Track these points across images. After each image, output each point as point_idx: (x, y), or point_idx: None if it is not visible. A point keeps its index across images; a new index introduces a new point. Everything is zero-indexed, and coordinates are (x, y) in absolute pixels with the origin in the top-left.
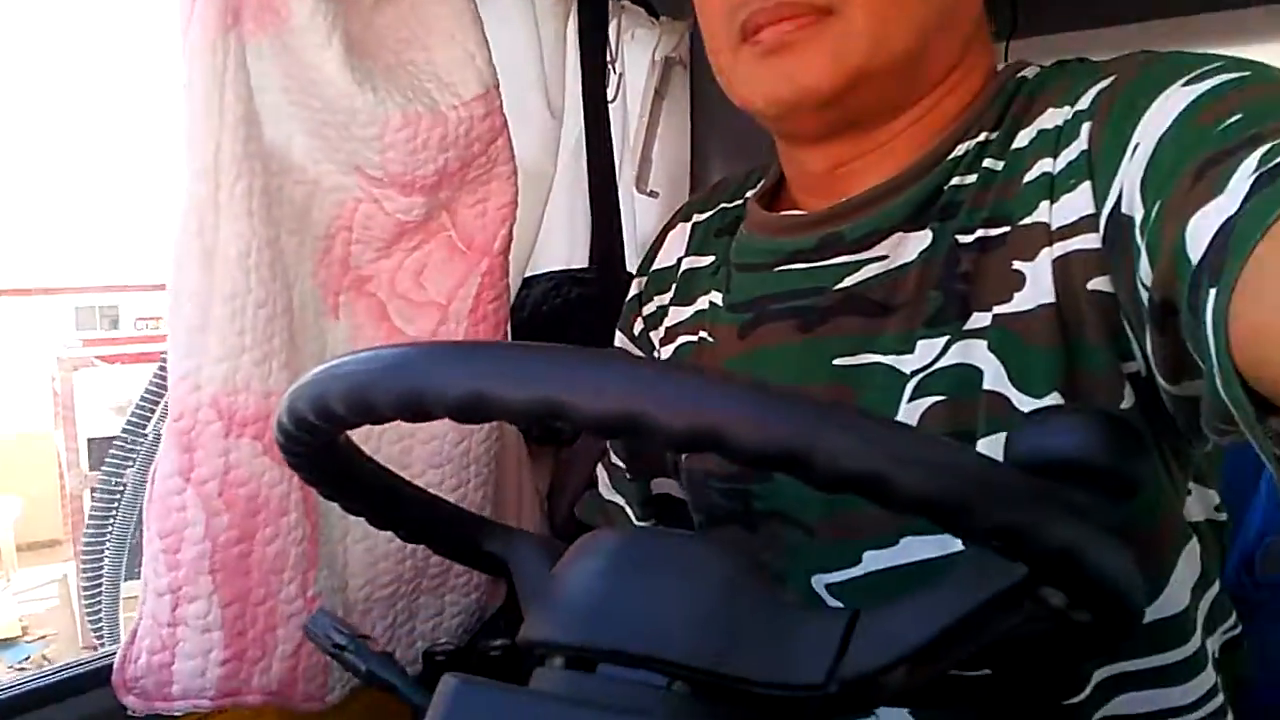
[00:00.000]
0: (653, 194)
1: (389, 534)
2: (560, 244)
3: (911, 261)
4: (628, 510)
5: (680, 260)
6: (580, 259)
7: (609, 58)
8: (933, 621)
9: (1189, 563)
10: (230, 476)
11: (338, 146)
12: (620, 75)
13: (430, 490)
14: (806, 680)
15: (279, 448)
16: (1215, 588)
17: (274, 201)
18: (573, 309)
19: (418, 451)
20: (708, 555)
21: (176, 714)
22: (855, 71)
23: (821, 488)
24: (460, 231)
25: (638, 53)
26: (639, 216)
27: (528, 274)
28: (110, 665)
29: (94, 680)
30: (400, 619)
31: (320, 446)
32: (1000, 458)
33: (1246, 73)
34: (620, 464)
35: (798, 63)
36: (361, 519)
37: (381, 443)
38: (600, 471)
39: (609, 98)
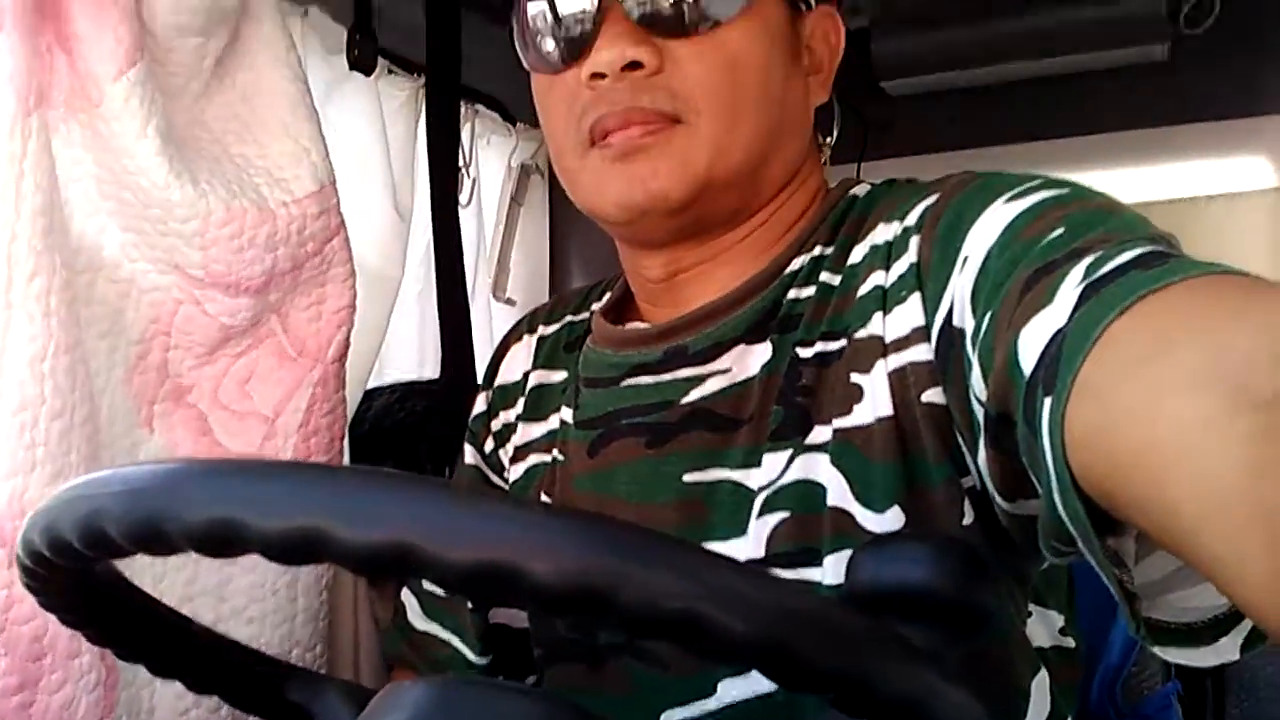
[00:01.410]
0: (510, 301)
1: None
2: (410, 352)
3: (755, 375)
4: (455, 643)
5: (527, 375)
6: (433, 369)
7: (463, 162)
8: None
9: (1039, 695)
10: (12, 614)
11: (155, 242)
12: (474, 180)
13: (254, 627)
14: None
15: (20, 569)
16: None
17: (80, 301)
18: (420, 423)
19: (238, 582)
20: (519, 709)
21: None
22: (702, 178)
23: (629, 631)
24: (291, 337)
25: (494, 158)
26: (496, 324)
27: (371, 385)
28: None
29: None
30: None
31: (66, 581)
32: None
33: (1064, 190)
34: (436, 590)
35: (648, 168)
36: None
37: (199, 570)
38: (408, 598)
39: (463, 202)
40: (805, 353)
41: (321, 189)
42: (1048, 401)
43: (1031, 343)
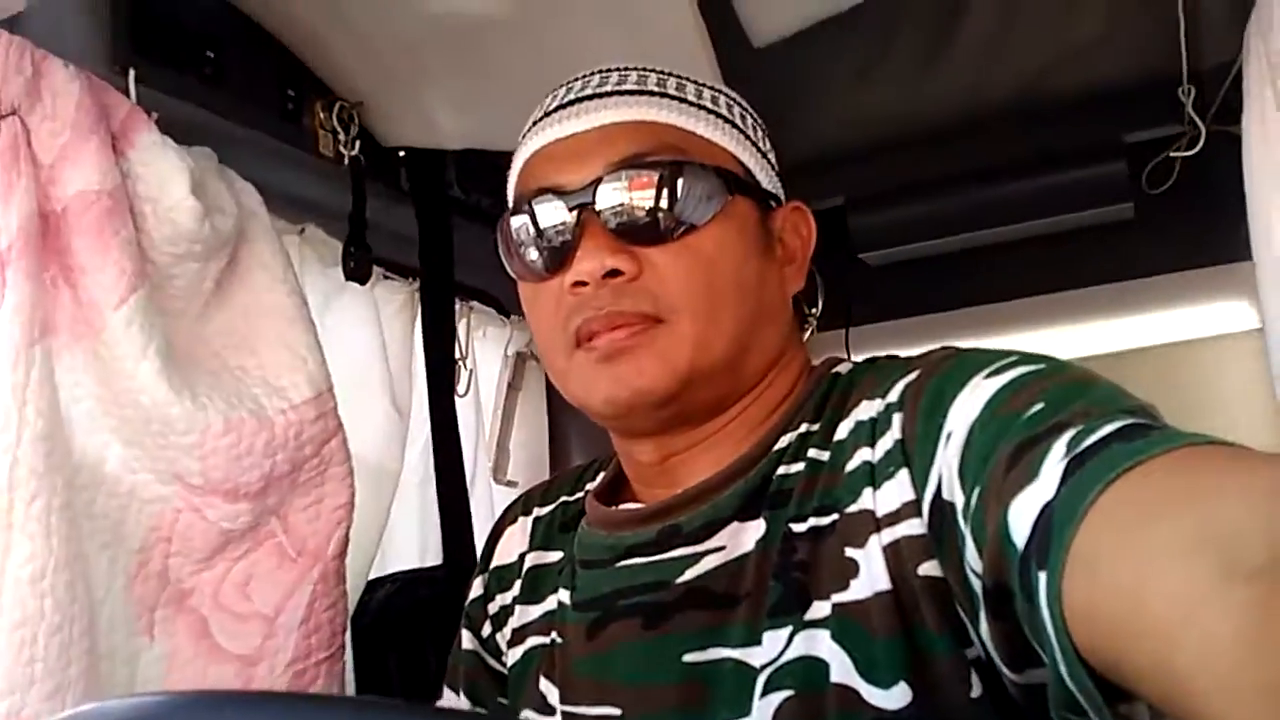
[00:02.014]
0: (511, 484)
1: None
2: (413, 541)
3: (749, 551)
4: None
5: (523, 556)
6: (436, 556)
7: (459, 355)
8: None
9: None
10: None
11: (155, 455)
12: (472, 371)
13: None
14: None
15: None
16: None
17: (81, 515)
18: (423, 611)
19: None
20: None
21: None
22: (684, 373)
23: None
24: (291, 537)
25: (490, 349)
26: (498, 507)
27: (374, 575)
28: None
29: None
30: None
31: None
32: None
33: (1041, 365)
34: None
35: (631, 367)
36: None
37: None
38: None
39: (460, 392)
40: (799, 528)
41: (319, 395)
42: (1043, 576)
43: (1021, 516)
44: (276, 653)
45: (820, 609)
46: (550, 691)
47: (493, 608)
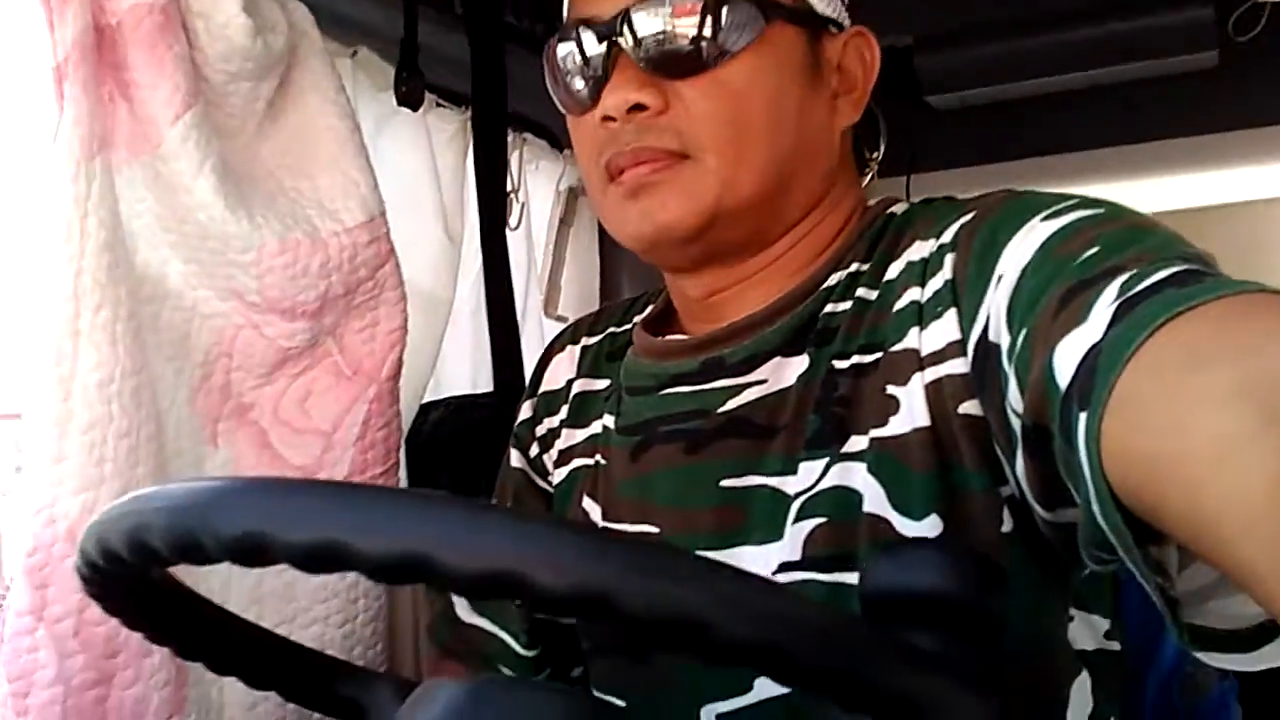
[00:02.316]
0: (561, 319)
1: None
2: (465, 369)
3: (791, 385)
4: (503, 636)
5: (570, 383)
6: (487, 384)
7: (511, 188)
8: None
9: (1079, 697)
10: (86, 615)
11: (213, 272)
12: (524, 205)
13: (317, 627)
14: None
15: (80, 577)
16: None
17: (145, 328)
18: (472, 434)
19: (302, 586)
20: (551, 709)
21: None
22: (709, 211)
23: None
24: (347, 357)
25: (543, 182)
26: (548, 340)
27: (427, 399)
28: None
29: None
30: None
31: (121, 587)
32: None
33: (1100, 210)
34: None
35: (656, 203)
36: None
37: (265, 574)
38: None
39: (512, 225)
40: (841, 365)
41: (371, 219)
42: (1083, 416)
43: (1067, 358)
44: (334, 465)
45: (858, 443)
46: (593, 509)
47: (540, 430)
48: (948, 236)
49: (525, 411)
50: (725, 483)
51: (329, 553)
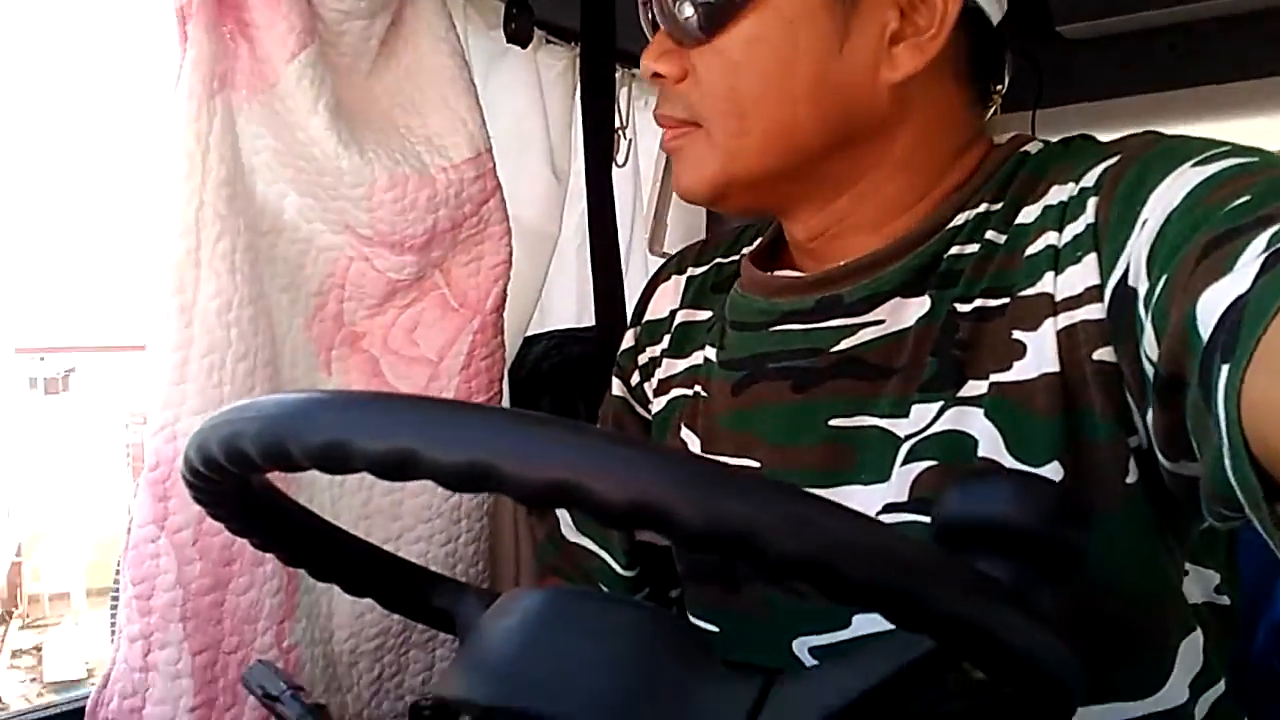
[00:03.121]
0: (666, 256)
1: None
2: (570, 304)
3: (909, 327)
4: (604, 556)
5: (674, 313)
6: (591, 320)
7: (619, 124)
8: (846, 690)
9: (1189, 654)
10: (204, 525)
11: (327, 206)
12: (631, 141)
13: (421, 545)
14: None
15: (185, 484)
16: (1220, 688)
17: (262, 259)
18: (574, 367)
19: (408, 504)
20: (623, 618)
21: None
22: (717, 181)
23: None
24: (453, 289)
25: (651, 119)
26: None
27: (530, 333)
28: (83, 707)
29: None
30: (388, 672)
31: (225, 493)
32: None
33: (1253, 158)
34: None
35: (679, 167)
36: None
37: (373, 494)
38: (561, 513)
39: (619, 162)
40: (964, 308)
41: (478, 155)
42: (1225, 368)
43: (1210, 308)
44: (440, 393)
45: (976, 387)
46: (691, 440)
47: (642, 359)
48: (1090, 180)
49: (628, 340)
50: (834, 422)
51: (402, 460)
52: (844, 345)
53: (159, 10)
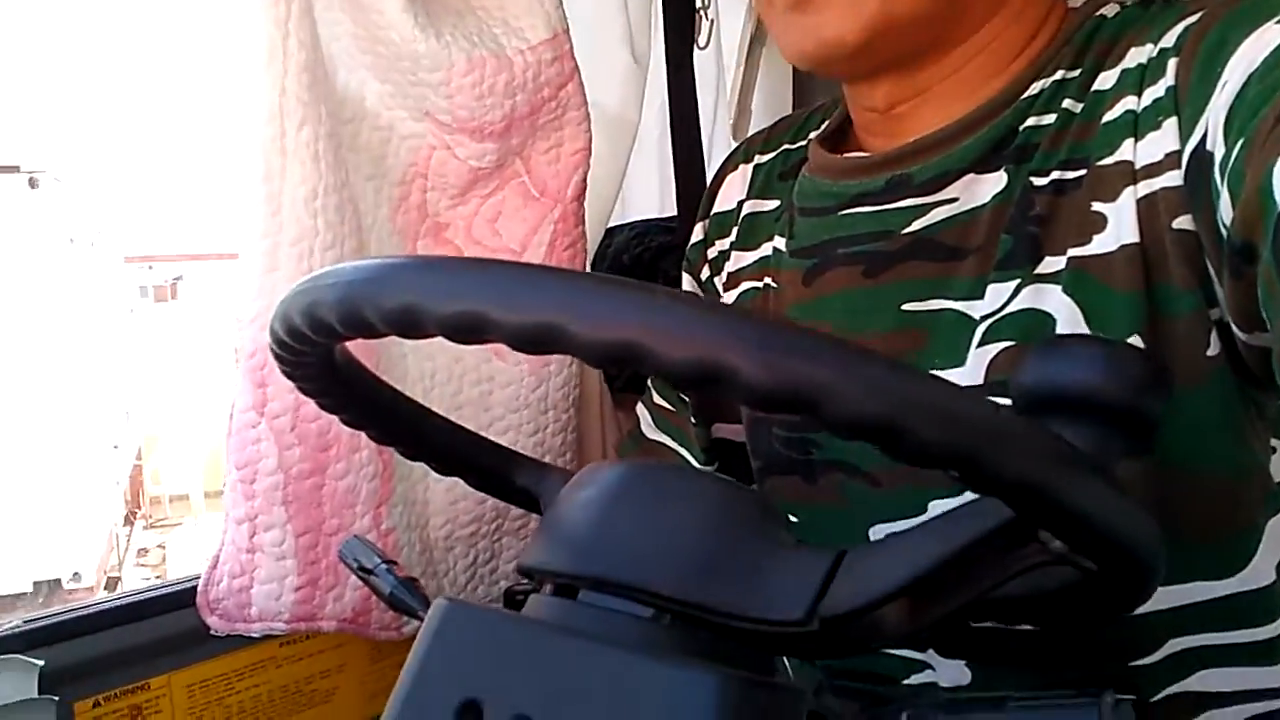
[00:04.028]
0: None
1: None
2: (653, 193)
3: (984, 204)
4: (683, 452)
5: (741, 204)
6: (673, 209)
7: (701, 4)
8: (917, 561)
9: (1276, 534)
10: (301, 412)
11: (407, 92)
12: (713, 22)
13: (510, 435)
14: (788, 616)
15: (274, 357)
16: None
17: (345, 147)
18: (655, 257)
19: (497, 395)
20: (700, 489)
21: (255, 635)
22: (877, 19)
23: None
24: (534, 178)
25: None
26: None
27: (613, 223)
28: (195, 588)
29: (179, 601)
30: (482, 558)
31: (310, 365)
32: None
33: None
34: (666, 404)
35: (819, 17)
36: None
37: (463, 384)
38: (641, 411)
39: (701, 45)
40: (1040, 181)
41: (554, 36)
42: None
43: None
44: None
45: (1054, 263)
46: None
47: (711, 252)
48: (1169, 40)
49: (697, 234)
50: (907, 307)
51: (472, 322)
52: (916, 226)
53: None
